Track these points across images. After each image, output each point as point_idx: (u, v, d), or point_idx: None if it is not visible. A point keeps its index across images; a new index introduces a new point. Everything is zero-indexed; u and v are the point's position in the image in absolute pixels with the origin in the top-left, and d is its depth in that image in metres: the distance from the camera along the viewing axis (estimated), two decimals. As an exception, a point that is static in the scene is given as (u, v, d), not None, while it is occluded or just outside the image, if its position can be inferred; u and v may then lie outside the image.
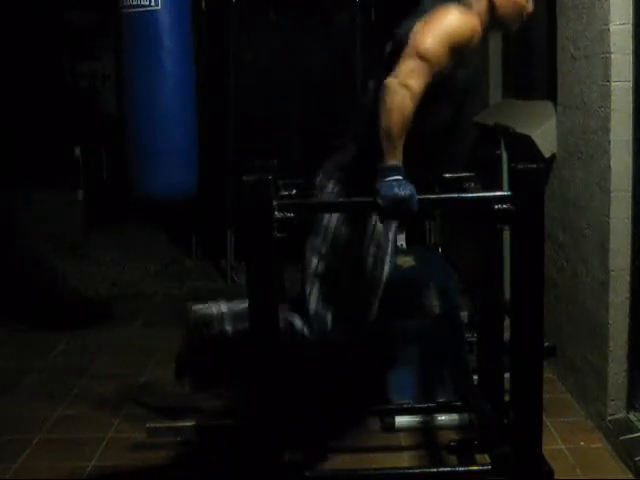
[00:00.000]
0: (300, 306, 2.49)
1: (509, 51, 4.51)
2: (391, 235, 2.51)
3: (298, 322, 2.50)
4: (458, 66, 2.30)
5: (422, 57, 2.18)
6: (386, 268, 2.50)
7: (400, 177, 2.14)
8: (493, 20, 2.36)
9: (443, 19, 2.24)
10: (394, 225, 2.54)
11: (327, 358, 2.65)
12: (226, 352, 2.58)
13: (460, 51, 2.25)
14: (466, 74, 2.40)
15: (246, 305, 2.27)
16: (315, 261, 2.50)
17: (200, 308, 2.66)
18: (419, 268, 3.40)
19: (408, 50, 2.20)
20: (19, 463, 2.96)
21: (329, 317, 2.47)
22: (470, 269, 4.42)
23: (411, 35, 2.23)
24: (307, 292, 2.49)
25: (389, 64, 2.26)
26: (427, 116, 2.24)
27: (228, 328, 2.58)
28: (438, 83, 2.23)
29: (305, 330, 2.48)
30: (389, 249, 2.51)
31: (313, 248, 2.52)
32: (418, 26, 2.24)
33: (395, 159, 2.16)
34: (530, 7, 2.39)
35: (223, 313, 2.60)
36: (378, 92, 2.21)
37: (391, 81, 2.17)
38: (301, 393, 2.80)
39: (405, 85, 2.15)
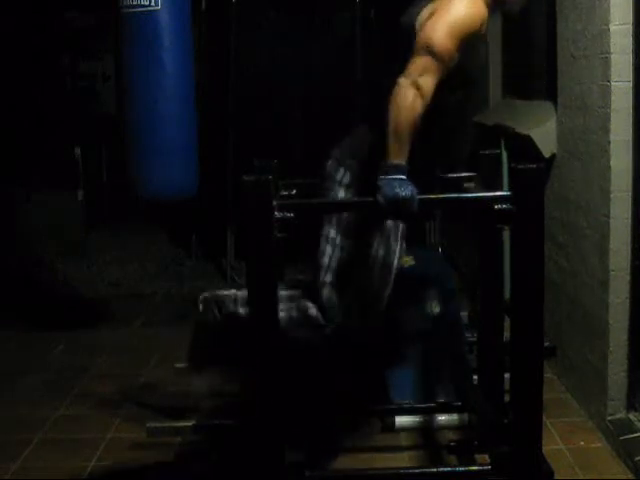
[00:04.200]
0: (313, 295, 2.49)
1: (509, 51, 4.51)
2: (400, 226, 2.51)
3: (313, 310, 2.50)
4: (466, 52, 2.29)
5: (433, 53, 2.18)
6: (396, 257, 2.50)
7: (403, 176, 2.14)
8: (498, 0, 2.33)
9: (451, 9, 2.22)
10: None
11: (339, 348, 2.63)
12: (236, 333, 2.57)
13: (469, 39, 2.24)
14: (473, 59, 2.38)
15: None
16: (329, 250, 2.51)
17: (214, 291, 2.69)
18: (419, 268, 3.39)
19: (418, 46, 2.20)
20: (19, 463, 2.96)
21: (342, 306, 2.47)
22: (470, 269, 4.42)
23: (419, 28, 2.22)
24: (320, 281, 2.49)
25: (400, 55, 2.25)
26: (436, 103, 2.24)
27: (241, 310, 2.58)
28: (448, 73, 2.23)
29: (320, 318, 2.48)
30: (399, 239, 2.51)
31: (327, 237, 2.52)
32: (425, 18, 2.23)
33: (400, 158, 2.16)
34: None
35: (237, 295, 2.61)
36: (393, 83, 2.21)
37: (403, 80, 2.18)
38: (301, 394, 2.80)
39: (416, 84, 2.16)
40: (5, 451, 3.04)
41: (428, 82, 2.17)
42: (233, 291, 2.64)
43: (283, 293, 2.51)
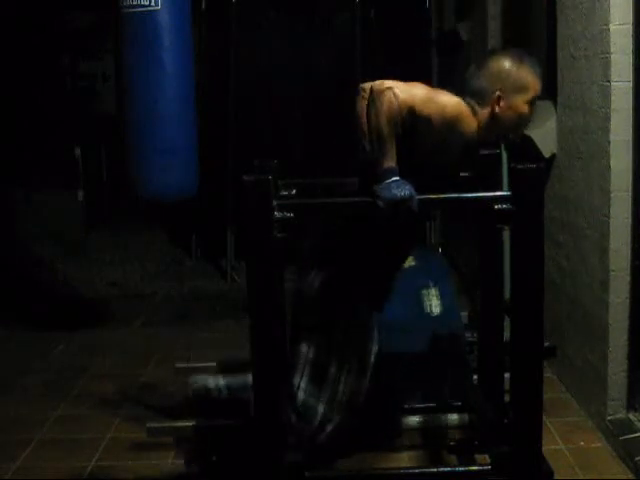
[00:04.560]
0: (289, 394, 2.50)
1: (509, 51, 4.50)
2: (374, 318, 2.52)
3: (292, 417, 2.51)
4: (444, 147, 2.28)
5: (400, 92, 2.16)
6: (374, 350, 2.52)
7: (397, 178, 2.14)
8: (494, 127, 2.33)
9: (440, 93, 2.26)
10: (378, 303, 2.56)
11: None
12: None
13: (446, 130, 2.23)
14: (449, 160, 2.36)
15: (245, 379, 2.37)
16: (305, 349, 2.51)
17: (198, 380, 2.80)
18: (419, 268, 3.39)
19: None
20: (19, 463, 2.96)
21: (320, 407, 2.48)
22: (470, 269, 4.42)
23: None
24: (295, 383, 2.50)
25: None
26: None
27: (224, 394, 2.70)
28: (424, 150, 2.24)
29: (293, 418, 2.49)
30: (374, 334, 2.52)
31: (301, 335, 2.54)
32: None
33: (390, 161, 2.15)
34: (532, 115, 2.35)
35: (220, 386, 2.67)
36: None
37: (374, 86, 2.17)
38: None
39: (389, 87, 2.15)
40: (5, 451, 3.04)
41: (400, 87, 2.17)
42: (218, 381, 2.70)
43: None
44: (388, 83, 2.17)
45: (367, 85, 2.27)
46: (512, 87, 2.28)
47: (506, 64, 2.30)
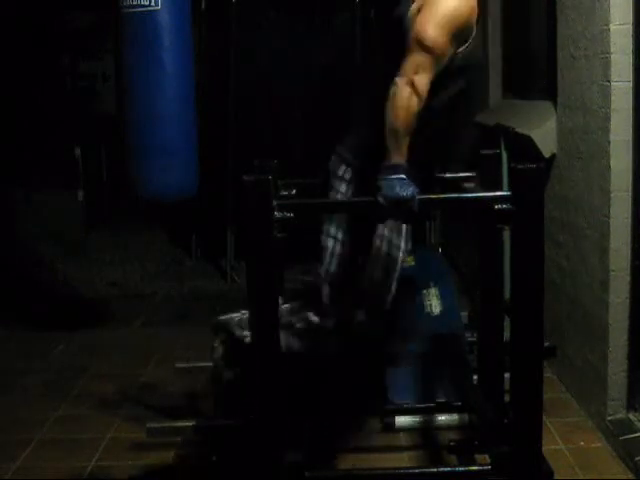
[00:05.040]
0: (316, 297, 2.49)
1: (509, 51, 4.51)
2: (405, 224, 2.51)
3: (314, 318, 2.49)
4: (461, 43, 2.28)
5: (426, 49, 2.17)
6: (401, 252, 2.49)
7: (403, 176, 2.14)
8: None
9: (440, 2, 2.21)
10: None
11: (344, 346, 2.62)
12: (241, 358, 2.60)
13: (462, 31, 2.24)
14: (469, 49, 2.36)
15: None
16: (331, 246, 2.50)
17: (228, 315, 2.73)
18: (419, 268, 3.39)
19: (411, 43, 2.19)
20: (19, 463, 2.96)
21: (347, 304, 2.46)
22: (470, 269, 4.42)
23: (410, 22, 2.22)
24: (323, 281, 2.48)
25: (395, 49, 2.26)
26: (433, 94, 2.24)
27: (246, 333, 2.60)
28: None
29: (320, 321, 2.48)
30: (403, 235, 2.50)
31: (328, 234, 2.52)
32: (415, 12, 2.22)
33: (399, 157, 2.16)
34: None
35: (242, 319, 2.63)
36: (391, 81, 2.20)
37: (398, 80, 2.18)
38: (302, 395, 2.80)
39: (411, 83, 2.16)
40: (5, 451, 3.04)
41: (423, 80, 2.17)
42: (243, 315, 2.66)
43: (283, 307, 2.51)
44: (410, 73, 2.15)
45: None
46: None
47: None
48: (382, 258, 2.48)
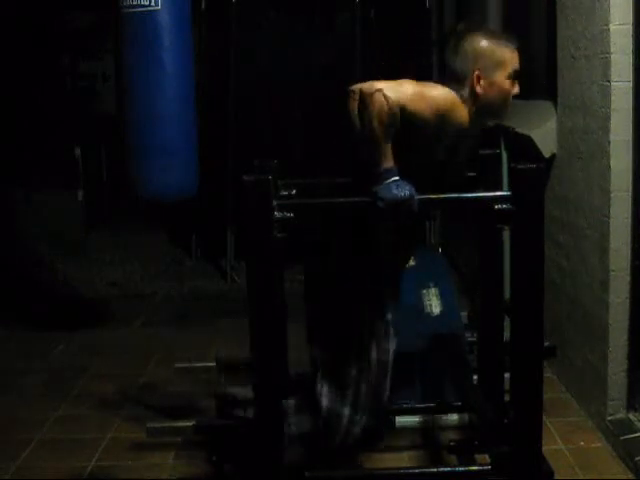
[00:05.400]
0: (310, 403, 2.49)
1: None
2: (389, 315, 2.51)
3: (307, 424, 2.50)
4: (440, 139, 2.26)
5: (390, 92, 2.13)
6: (391, 355, 2.50)
7: (397, 178, 2.14)
8: (481, 108, 2.30)
9: (430, 86, 2.25)
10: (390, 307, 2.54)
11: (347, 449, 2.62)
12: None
13: (439, 123, 2.20)
14: (446, 152, 2.32)
15: None
16: (323, 355, 2.51)
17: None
18: (419, 268, 3.39)
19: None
20: (19, 463, 2.96)
21: (345, 410, 2.46)
22: (470, 269, 4.42)
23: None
24: (317, 390, 2.48)
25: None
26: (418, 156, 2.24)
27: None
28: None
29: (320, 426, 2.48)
30: (391, 336, 2.51)
31: (317, 340, 2.53)
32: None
33: (388, 162, 2.15)
34: (516, 89, 2.32)
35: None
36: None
37: (364, 88, 2.16)
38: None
39: (378, 89, 2.14)
40: (5, 451, 3.04)
41: (390, 93, 2.15)
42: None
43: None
44: (377, 84, 2.15)
45: (357, 87, 2.26)
46: (490, 64, 2.26)
47: (481, 42, 2.28)
48: (373, 365, 2.48)
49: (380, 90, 2.13)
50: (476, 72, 2.26)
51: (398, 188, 2.12)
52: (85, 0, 6.72)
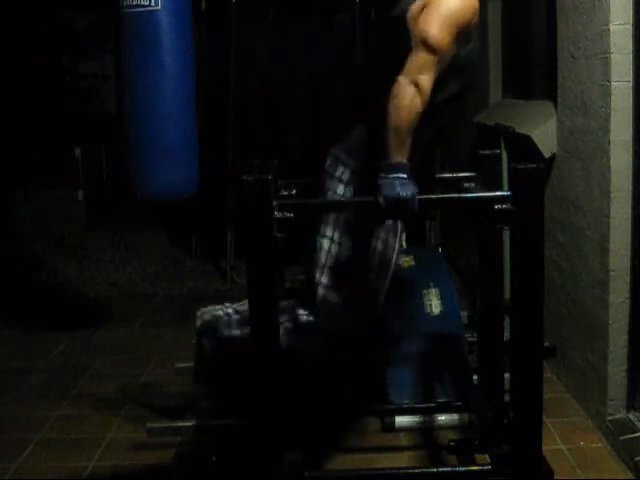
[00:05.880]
0: (308, 297, 2.48)
1: (509, 51, 4.51)
2: (399, 223, 2.51)
3: (306, 317, 2.49)
4: (462, 43, 2.28)
5: (429, 48, 2.17)
6: (395, 252, 2.49)
7: (403, 175, 2.14)
8: None
9: (445, 2, 2.22)
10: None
11: (335, 343, 2.62)
12: (233, 357, 2.59)
13: (464, 31, 2.24)
14: (469, 48, 2.36)
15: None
16: (326, 246, 2.50)
17: (206, 311, 2.69)
18: (419, 268, 3.39)
19: (414, 42, 2.19)
20: (19, 463, 2.96)
21: (339, 301, 2.46)
22: (470, 269, 4.42)
23: (412, 20, 2.22)
24: (316, 278, 2.48)
25: (394, 46, 2.25)
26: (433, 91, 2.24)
27: (235, 332, 2.59)
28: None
29: (314, 323, 2.47)
30: (398, 234, 2.50)
31: (324, 235, 2.52)
32: (417, 10, 2.22)
33: (401, 156, 2.15)
34: None
35: (230, 317, 2.62)
36: (388, 77, 2.20)
37: (401, 79, 2.17)
38: (301, 395, 2.80)
39: (415, 82, 2.15)
40: (5, 451, 3.04)
41: (426, 79, 2.17)
42: (228, 310, 2.65)
43: None
44: (413, 69, 2.15)
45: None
46: None
47: None
48: (377, 258, 2.48)
49: (416, 83, 2.14)
50: None
51: (402, 187, 2.12)
52: (85, 0, 6.72)
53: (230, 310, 2.70)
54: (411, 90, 2.15)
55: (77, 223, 6.58)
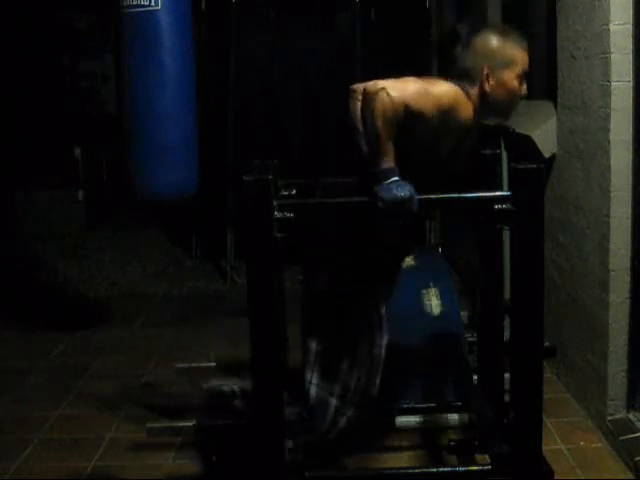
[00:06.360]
0: (300, 394, 2.49)
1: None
2: (383, 310, 2.51)
3: (298, 414, 2.50)
4: (444, 135, 2.26)
5: (393, 91, 2.13)
6: (383, 349, 2.50)
7: (397, 178, 2.14)
8: (487, 107, 2.32)
9: (434, 83, 2.25)
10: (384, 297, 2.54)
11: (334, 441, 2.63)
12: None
13: (443, 119, 2.21)
14: (450, 147, 2.33)
15: None
16: (315, 345, 2.51)
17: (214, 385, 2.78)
18: (419, 268, 3.39)
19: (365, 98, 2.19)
20: (19, 463, 2.96)
21: (332, 401, 2.47)
22: (470, 269, 4.42)
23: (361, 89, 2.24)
24: (307, 378, 2.49)
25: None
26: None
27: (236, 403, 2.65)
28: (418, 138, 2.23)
29: (305, 414, 2.48)
30: (384, 331, 2.51)
31: (311, 331, 2.53)
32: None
33: (389, 162, 2.15)
34: (524, 90, 2.33)
35: (234, 391, 2.66)
36: None
37: (368, 87, 2.16)
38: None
39: (382, 88, 2.14)
40: (5, 451, 3.04)
41: (394, 92, 2.14)
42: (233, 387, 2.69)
43: None
44: (381, 83, 2.15)
45: (359, 86, 2.26)
46: (499, 62, 2.26)
47: (491, 40, 2.28)
48: (365, 359, 2.49)
49: (384, 89, 2.13)
50: (485, 69, 2.26)
51: (398, 188, 2.12)
52: (85, 0, 6.73)
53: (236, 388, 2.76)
54: (382, 93, 2.12)
55: (77, 223, 6.58)
